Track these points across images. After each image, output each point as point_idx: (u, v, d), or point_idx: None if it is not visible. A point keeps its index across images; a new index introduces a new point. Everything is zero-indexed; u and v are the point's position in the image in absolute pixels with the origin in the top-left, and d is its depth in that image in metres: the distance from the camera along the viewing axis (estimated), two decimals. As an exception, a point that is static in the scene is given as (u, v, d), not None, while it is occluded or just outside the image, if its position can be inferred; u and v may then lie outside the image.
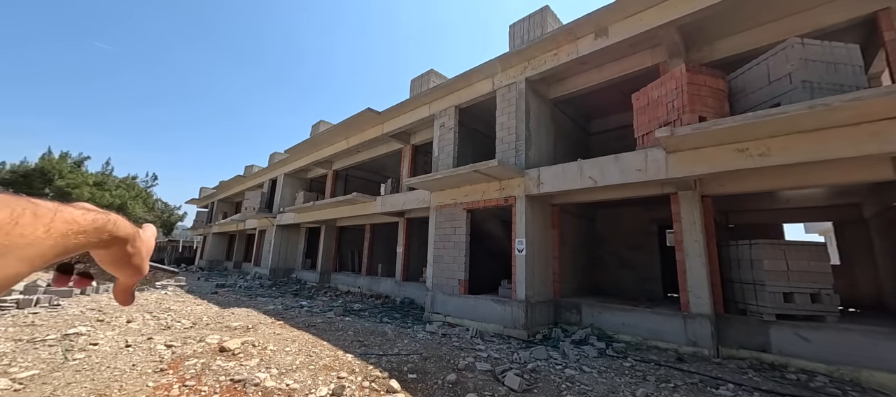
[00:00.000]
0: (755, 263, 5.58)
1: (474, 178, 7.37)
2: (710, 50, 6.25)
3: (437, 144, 9.11)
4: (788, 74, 4.51)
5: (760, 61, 4.95)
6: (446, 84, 8.76)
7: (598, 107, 9.39)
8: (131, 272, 0.49)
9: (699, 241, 5.74)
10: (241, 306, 8.23)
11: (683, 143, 4.89)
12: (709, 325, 5.45)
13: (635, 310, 6.33)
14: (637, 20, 5.83)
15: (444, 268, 8.01)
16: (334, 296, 11.45)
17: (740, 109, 5.11)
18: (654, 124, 5.39)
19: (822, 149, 4.15)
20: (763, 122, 4.06)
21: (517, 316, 6.47)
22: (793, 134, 4.30)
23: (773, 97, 4.69)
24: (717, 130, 4.36)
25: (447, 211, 8.31)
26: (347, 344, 4.98)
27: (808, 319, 5.24)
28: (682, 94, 4.98)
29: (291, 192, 16.95)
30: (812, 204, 8.57)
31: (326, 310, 8.24)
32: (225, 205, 26.01)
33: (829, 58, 4.48)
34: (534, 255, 6.87)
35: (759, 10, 5.52)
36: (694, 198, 5.86)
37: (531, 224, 6.94)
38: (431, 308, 7.95)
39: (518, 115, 7.39)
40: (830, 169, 4.90)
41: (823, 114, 3.77)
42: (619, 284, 9.23)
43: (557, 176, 6.57)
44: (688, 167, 5.11)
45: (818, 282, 5.36)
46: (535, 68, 7.26)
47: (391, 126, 10.86)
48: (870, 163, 4.63)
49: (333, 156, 14.11)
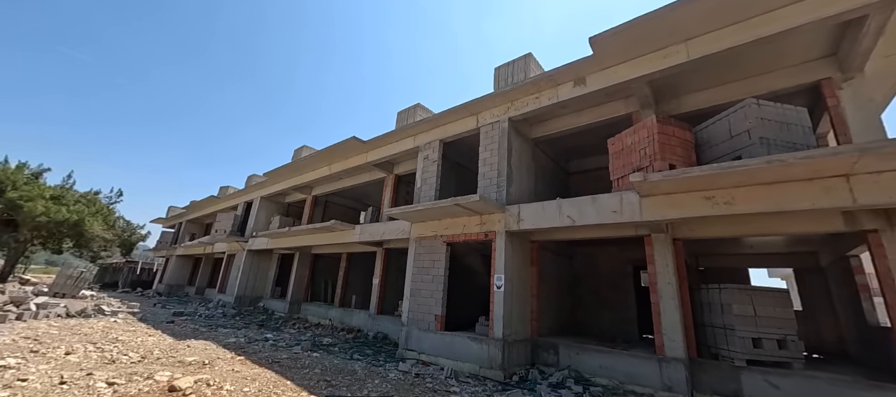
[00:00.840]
0: (725, 307, 5.73)
1: (456, 212, 7.39)
2: (678, 103, 6.74)
3: (420, 175, 9.16)
4: (747, 131, 4.89)
5: (722, 117, 5.36)
6: (432, 118, 8.97)
7: (577, 149, 9.79)
8: None
9: (672, 284, 5.87)
10: (200, 338, 7.63)
11: (656, 188, 5.11)
12: (683, 370, 5.46)
13: (612, 353, 6.28)
14: (612, 72, 6.26)
15: (421, 302, 7.79)
16: (303, 328, 10.85)
17: (706, 160, 5.45)
18: (628, 169, 5.65)
19: (780, 201, 4.43)
20: (727, 173, 4.33)
21: (494, 355, 6.29)
22: (754, 185, 4.59)
23: (735, 150, 5.04)
24: (686, 178, 4.61)
25: (427, 243, 8.21)
26: (313, 384, 4.65)
27: (777, 365, 5.35)
28: (653, 142, 5.28)
29: (267, 216, 16.41)
30: (774, 250, 9.02)
31: (293, 345, 7.74)
32: (194, 226, 24.80)
33: (781, 118, 4.91)
34: (512, 292, 6.82)
35: (720, 72, 6.06)
36: (666, 241, 6.07)
37: (510, 260, 6.94)
38: (405, 344, 7.63)
39: (500, 153, 7.59)
40: (789, 219, 5.22)
41: (780, 169, 4.06)
42: (598, 324, 9.22)
43: (537, 213, 6.68)
44: (660, 211, 5.33)
45: (784, 328, 5.53)
46: (518, 109, 7.58)
47: (375, 155, 10.90)
48: (823, 215, 4.98)
49: (314, 181, 13.90)
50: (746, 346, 5.42)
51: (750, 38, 4.94)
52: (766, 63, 5.77)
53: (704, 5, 4.90)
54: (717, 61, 5.60)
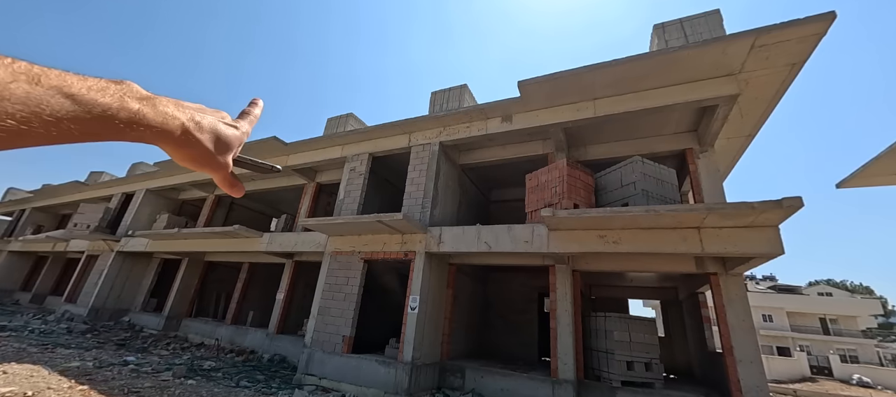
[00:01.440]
0: (608, 333, 6.51)
1: (377, 228, 7.19)
2: (584, 151, 7.71)
3: (344, 187, 8.76)
4: (633, 182, 5.79)
5: (616, 169, 6.27)
6: (365, 130, 8.74)
7: (500, 179, 10.46)
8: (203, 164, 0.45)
9: (568, 311, 6.49)
10: (26, 361, 5.92)
11: (561, 224, 5.69)
12: (572, 391, 5.98)
13: (513, 375, 6.60)
14: (535, 115, 6.92)
15: (329, 321, 7.26)
16: (180, 348, 9.21)
17: (602, 203, 6.28)
18: (541, 204, 6.20)
19: (654, 244, 5.30)
20: (617, 216, 5.03)
21: (401, 380, 6.10)
22: (636, 229, 5.42)
23: (624, 198, 5.91)
24: (586, 218, 5.23)
25: (343, 258, 7.78)
26: (182, 416, 3.91)
27: (643, 385, 6.21)
28: (562, 182, 5.91)
29: (151, 213, 13.87)
30: (648, 285, 10.68)
31: (163, 370, 6.48)
32: (42, 217, 19.71)
33: (658, 175, 5.94)
34: (426, 314, 6.79)
35: (618, 130, 7.15)
36: (567, 272, 6.73)
37: (428, 281, 6.94)
38: (306, 368, 6.97)
39: (429, 174, 7.70)
40: (659, 260, 6.25)
41: (654, 217, 4.88)
42: (504, 347, 9.66)
43: (457, 237, 6.87)
44: (563, 244, 5.91)
45: (650, 353, 6.47)
46: (450, 135, 7.84)
47: (297, 160, 10.13)
48: (681, 258, 6.08)
49: (219, 179, 12.26)
50: (622, 368, 6.19)
51: (640, 107, 5.96)
52: (651, 129, 7.00)
53: (609, 74, 5.79)
54: (616, 121, 6.59)
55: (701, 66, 5.34)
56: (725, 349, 5.62)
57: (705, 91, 5.48)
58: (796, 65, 4.92)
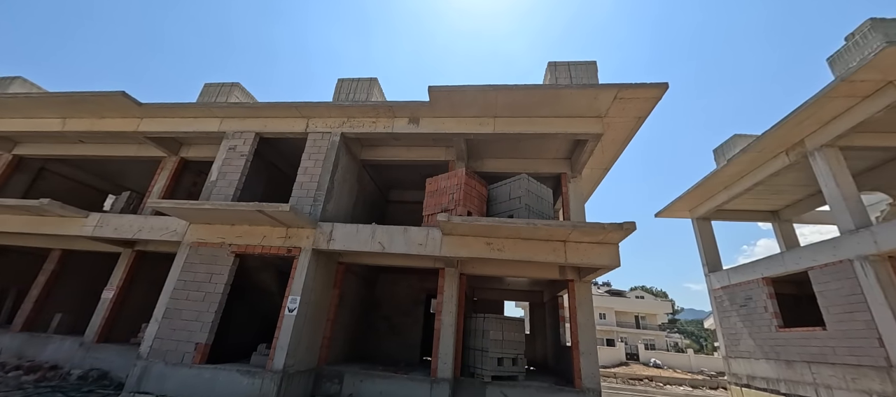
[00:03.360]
0: (484, 333, 7.07)
1: (257, 219, 6.30)
2: (481, 163, 8.28)
3: (218, 167, 7.43)
4: (519, 197, 6.47)
5: (505, 183, 6.92)
6: (253, 106, 7.61)
7: (401, 181, 10.41)
8: None
9: (452, 313, 6.81)
10: None
11: (455, 229, 5.95)
12: (448, 389, 6.27)
13: (393, 378, 6.56)
14: (440, 122, 7.12)
15: (180, 326, 6.01)
16: (-80, 368, 6.35)
17: (492, 214, 6.83)
18: (438, 208, 6.39)
19: (531, 252, 6.00)
20: (503, 226, 5.53)
21: (267, 391, 5.43)
22: (517, 239, 6.05)
23: (510, 210, 6.55)
24: (477, 225, 5.60)
25: (207, 251, 6.57)
26: None
27: (509, 378, 6.93)
28: (460, 190, 6.22)
29: None
30: (521, 288, 12.08)
31: None
32: None
33: (538, 193, 6.77)
34: (306, 316, 6.23)
35: (510, 149, 7.90)
36: (455, 275, 7.08)
37: (312, 280, 6.40)
38: (137, 385, 5.59)
39: (325, 165, 7.14)
40: (533, 267, 7.10)
41: (533, 229, 5.53)
42: (385, 350, 9.56)
43: (350, 235, 6.53)
44: (455, 249, 6.20)
45: (517, 349, 7.28)
46: (354, 127, 7.44)
47: (155, 126, 8.18)
48: (549, 267, 7.04)
49: (25, 134, 9.04)
50: (493, 364, 6.79)
51: (531, 131, 6.72)
52: (536, 152, 7.95)
53: (510, 96, 6.37)
54: (509, 140, 7.28)
55: (578, 105, 6.33)
56: (574, 343, 6.71)
57: (580, 126, 6.52)
58: (641, 118, 6.29)
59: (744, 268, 10.85)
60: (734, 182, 10.63)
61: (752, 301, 10.47)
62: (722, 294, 11.71)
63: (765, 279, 10.03)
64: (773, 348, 9.63)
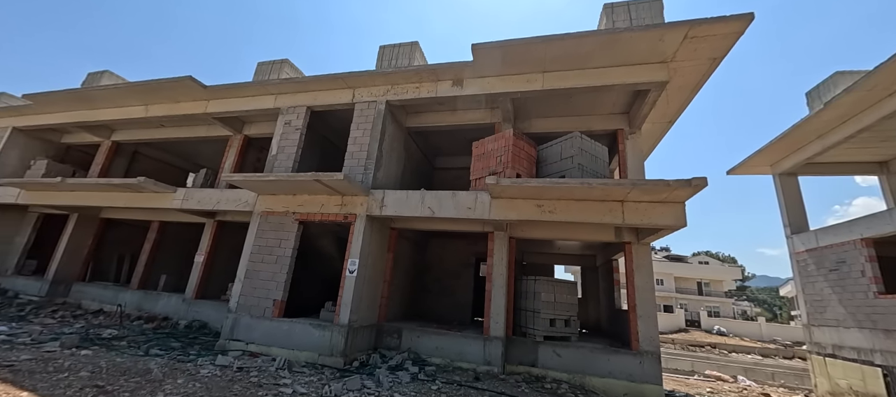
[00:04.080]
0: (536, 294, 7.08)
1: (315, 188, 6.73)
2: (528, 124, 7.93)
3: (277, 142, 7.95)
4: (571, 156, 6.14)
5: (557, 143, 6.58)
6: (302, 80, 7.90)
7: (446, 147, 10.38)
8: None
9: (503, 275, 6.88)
10: None
11: (504, 192, 5.86)
12: (500, 346, 6.47)
13: (447, 335, 6.91)
14: (485, 82, 6.85)
15: (259, 285, 6.79)
16: (72, 316, 7.96)
17: (542, 175, 6.59)
18: (486, 172, 6.30)
19: (585, 214, 5.75)
20: (555, 187, 5.32)
21: (336, 342, 6.02)
22: (570, 200, 5.81)
23: (561, 171, 6.26)
24: (527, 187, 5.45)
25: (275, 219, 7.21)
26: (73, 392, 3.38)
27: (561, 339, 6.96)
28: (508, 152, 6.04)
29: (22, 156, 11.30)
30: (572, 252, 11.79)
31: (47, 340, 5.53)
32: None
33: (593, 151, 6.37)
34: (365, 277, 6.68)
35: (560, 106, 7.43)
36: (504, 238, 7.07)
37: (368, 245, 6.78)
38: (231, 334, 6.50)
39: (373, 134, 7.31)
40: (586, 229, 6.85)
41: (587, 190, 5.26)
42: (438, 310, 10.03)
43: (401, 201, 6.73)
44: (504, 212, 6.14)
45: (570, 311, 7.23)
46: (398, 94, 7.45)
47: (220, 106, 8.88)
48: (604, 229, 6.73)
49: (118, 122, 10.33)
50: (545, 325, 6.84)
51: (583, 84, 6.22)
52: (589, 108, 7.40)
53: (559, 47, 5.89)
54: (560, 96, 6.83)
55: (640, 50, 5.68)
56: (630, 307, 6.49)
57: (641, 75, 5.89)
58: (717, 59, 5.49)
59: (837, 228, 9.49)
60: (832, 129, 9.08)
61: (845, 264, 9.21)
62: (807, 257, 10.43)
63: (864, 240, 8.70)
64: (869, 316, 8.51)
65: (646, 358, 6.10)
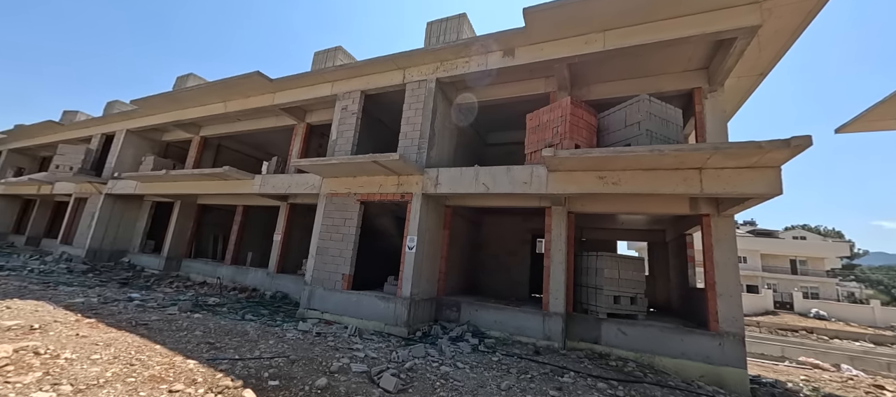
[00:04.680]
0: (598, 271, 6.78)
1: (373, 169, 7.04)
2: (587, 91, 7.37)
3: (336, 127, 8.41)
4: (638, 122, 5.61)
5: (620, 108, 6.04)
6: (355, 65, 8.17)
7: (497, 122, 10.13)
8: None
9: (562, 251, 6.67)
10: (29, 297, 5.99)
11: (562, 164, 5.59)
12: (561, 322, 6.36)
13: (506, 309, 6.96)
14: (538, 49, 6.47)
15: (328, 260, 7.41)
16: (183, 287, 9.44)
17: (603, 144, 6.14)
18: (541, 144, 6.04)
19: (653, 184, 5.28)
20: (619, 157, 4.94)
21: (400, 313, 6.40)
22: (636, 170, 5.36)
23: (626, 139, 5.77)
24: (587, 158, 5.13)
25: (339, 200, 7.72)
26: (191, 347, 4.06)
27: (627, 317, 6.62)
28: (565, 122, 5.71)
29: (136, 155, 13.39)
30: (637, 227, 10.98)
31: (168, 305, 6.67)
32: (21, 159, 18.95)
33: (663, 115, 5.75)
34: (423, 253, 6.93)
35: (623, 68, 6.77)
36: (562, 213, 6.80)
37: (425, 222, 6.99)
38: (308, 304, 7.25)
39: (425, 113, 7.37)
40: (655, 201, 6.31)
41: (657, 158, 4.80)
42: (494, 285, 10.11)
43: (455, 178, 6.78)
44: (562, 185, 5.88)
45: (636, 289, 6.82)
46: (447, 71, 7.37)
47: (284, 98, 9.59)
48: (677, 200, 6.14)
49: (203, 119, 11.69)
50: (609, 302, 6.56)
51: (654, 40, 5.57)
52: (659, 66, 6.64)
53: (622, 1, 5.30)
54: (624, 56, 6.20)
55: (722, -7, 4.90)
56: (708, 285, 5.92)
57: (725, 21, 5.09)
58: (826, -9, 4.54)
59: None
60: None
61: None
62: (947, 228, 8.54)
63: None
64: None
65: (727, 340, 5.58)
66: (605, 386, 4.49)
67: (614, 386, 4.54)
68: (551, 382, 4.40)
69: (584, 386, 4.44)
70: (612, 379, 4.75)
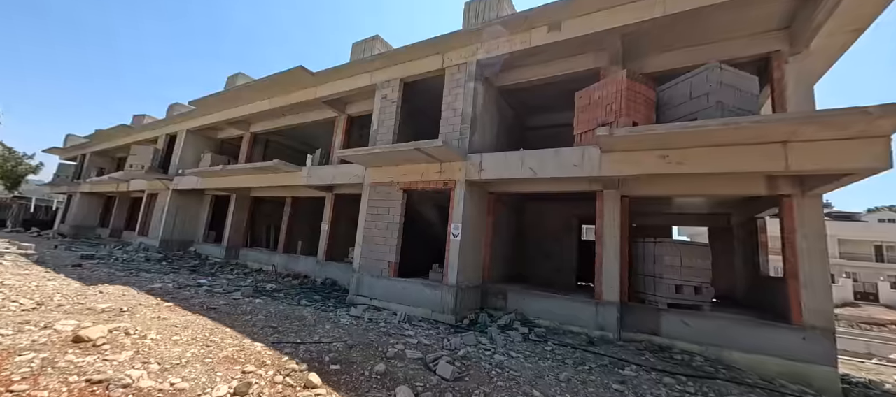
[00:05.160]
0: (658, 258, 6.31)
1: (415, 157, 7.00)
2: (641, 64, 6.75)
3: (376, 117, 8.47)
4: (707, 94, 5.05)
5: (685, 79, 5.47)
6: (393, 53, 8.13)
7: (539, 104, 9.69)
8: None
9: (615, 237, 6.27)
10: (116, 283, 6.70)
11: (618, 145, 5.19)
12: (616, 312, 6.02)
13: (555, 297, 6.72)
14: (588, 20, 6.00)
15: (374, 249, 7.55)
16: (243, 274, 10.13)
17: (663, 120, 5.61)
18: (593, 123, 5.65)
19: (729, 161, 4.74)
20: (684, 133, 4.47)
21: (447, 300, 6.39)
22: (705, 147, 4.84)
23: (692, 113, 5.22)
24: (648, 136, 4.70)
25: (382, 189, 7.81)
26: (257, 331, 4.30)
27: (690, 308, 6.13)
28: (620, 98, 5.27)
29: (195, 153, 14.47)
30: (696, 211, 10.13)
31: (232, 290, 7.17)
32: (101, 160, 21.27)
33: (737, 84, 5.12)
34: (468, 241, 6.84)
35: (685, 34, 6.10)
36: (615, 198, 6.38)
37: (469, 209, 6.87)
38: (357, 290, 7.47)
39: (466, 98, 7.18)
40: (725, 181, 5.70)
41: (733, 132, 4.28)
42: (539, 273, 9.83)
43: (499, 164, 6.57)
44: (617, 167, 5.48)
45: (701, 277, 6.28)
46: (488, 52, 7.10)
47: (325, 91, 9.81)
48: (752, 179, 5.49)
49: (252, 116, 12.32)
50: (670, 291, 6.10)
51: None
52: (727, 29, 5.90)
53: (688, -44, 4.73)
54: (685, 21, 5.58)
55: (816, -65, 4.18)
56: (789, 274, 5.29)
57: (818, -31, 4.37)
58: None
59: None
60: None
61: None
62: None
63: None
64: None
65: (812, 335, 4.97)
66: (673, 381, 4.18)
67: (683, 381, 4.21)
68: (612, 375, 4.17)
69: (649, 380, 4.16)
70: (679, 373, 4.42)
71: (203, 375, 2.84)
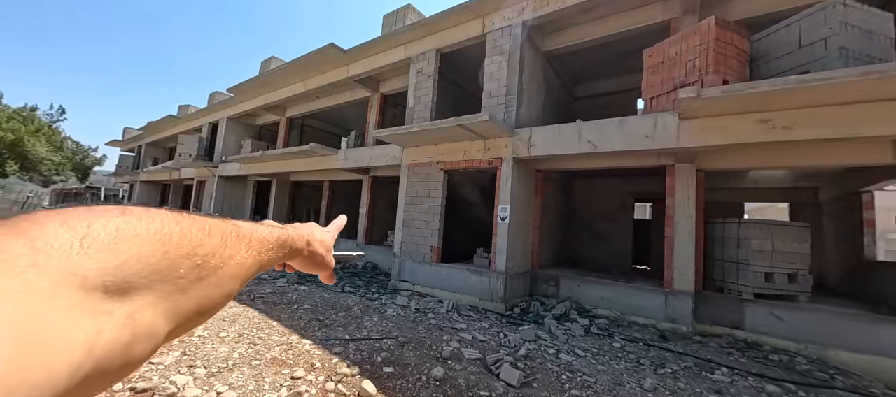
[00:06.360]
0: (742, 242, 5.43)
1: (456, 135, 6.47)
2: (725, 10, 5.66)
3: (412, 94, 7.96)
4: (824, 39, 4.03)
5: (791, 23, 4.43)
6: (427, 21, 7.50)
7: (587, 71, 8.70)
8: (317, 268, 0.57)
9: (691, 217, 5.46)
10: (170, 269, 6.89)
11: (703, 109, 4.35)
12: (690, 303, 5.31)
13: (614, 285, 6.08)
14: (662, -40, 5.02)
15: (415, 233, 7.22)
16: (287, 257, 10.30)
17: (760, 76, 4.64)
18: (669, 85, 4.78)
19: (853, 124, 3.80)
20: (804, 89, 3.57)
21: (495, 288, 5.95)
22: (824, 106, 3.90)
23: (802, 64, 4.23)
24: (751, 95, 3.83)
25: (421, 170, 7.39)
26: (304, 323, 4.11)
27: (781, 298, 5.27)
28: (707, 51, 4.37)
29: (236, 139, 14.82)
30: (776, 185, 8.83)
31: (277, 277, 7.18)
32: (155, 150, 22.62)
33: (865, 25, 4.04)
34: (516, 224, 6.30)
35: (788, -33, 4.96)
36: (690, 172, 5.52)
37: (516, 189, 6.29)
38: (399, 276, 7.22)
39: (511, 65, 6.46)
40: (838, 148, 4.68)
41: (872, 84, 3.33)
42: (591, 257, 9.12)
43: (552, 138, 5.88)
44: (700, 136, 4.64)
45: (796, 263, 5.36)
46: (536, 11, 6.28)
47: (358, 69, 9.40)
48: (877, 145, 4.44)
49: (286, 100, 12.26)
50: (758, 280, 5.24)
51: (854, -88, 3.82)
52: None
53: None
54: (793, -51, 4.48)
55: None
56: (922, 259, 4.29)
57: None
58: None
59: None
60: None
61: None
62: None
63: None
64: None
65: (958, 335, 4.02)
66: (778, 389, 3.50)
67: (791, 390, 3.52)
68: (702, 381, 3.56)
69: (747, 387, 3.52)
70: (784, 380, 3.71)
71: (251, 381, 2.60)
